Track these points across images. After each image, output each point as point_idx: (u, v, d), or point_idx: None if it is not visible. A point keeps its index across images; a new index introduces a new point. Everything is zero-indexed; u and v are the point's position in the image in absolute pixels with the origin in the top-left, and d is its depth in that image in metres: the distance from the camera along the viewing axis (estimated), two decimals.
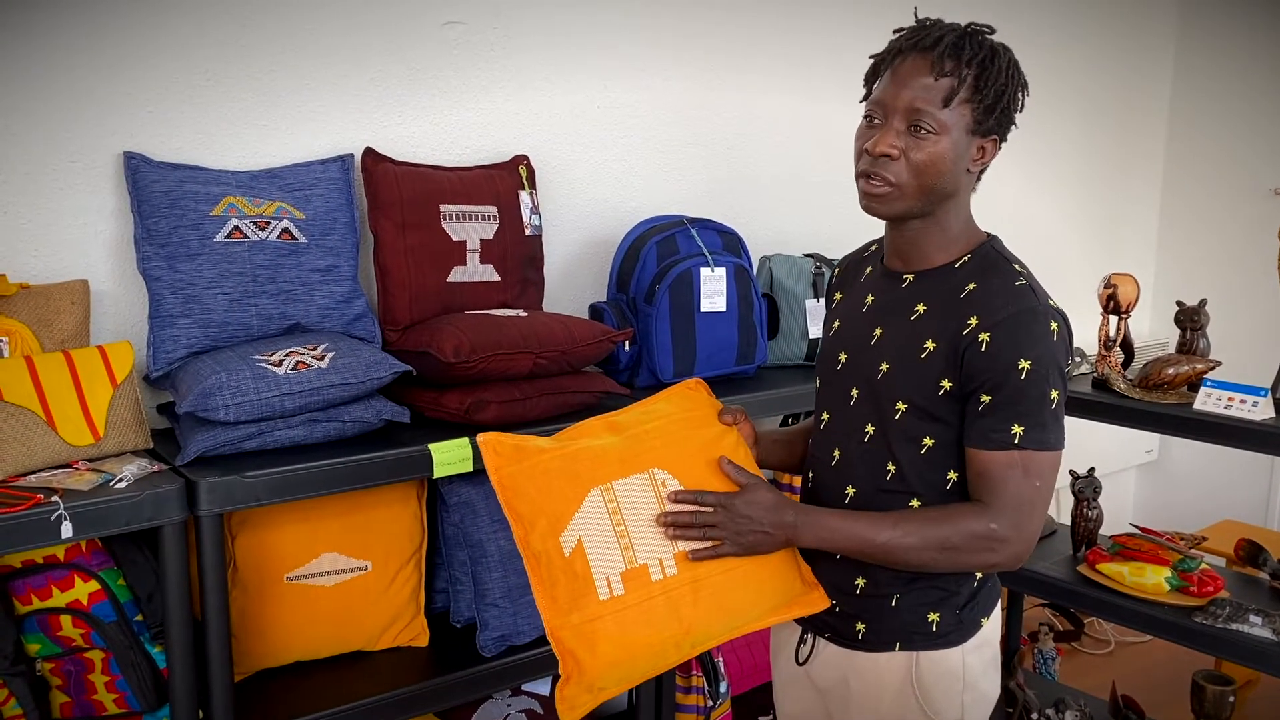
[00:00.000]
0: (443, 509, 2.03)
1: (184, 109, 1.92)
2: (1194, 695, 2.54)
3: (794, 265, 2.58)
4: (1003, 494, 1.33)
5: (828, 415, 1.52)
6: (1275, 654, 2.09)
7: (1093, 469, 2.55)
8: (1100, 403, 2.36)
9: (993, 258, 1.41)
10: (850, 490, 1.46)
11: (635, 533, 1.38)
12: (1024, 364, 1.31)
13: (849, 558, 1.46)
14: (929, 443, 1.39)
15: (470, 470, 1.83)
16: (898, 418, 1.40)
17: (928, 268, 1.43)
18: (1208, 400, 2.19)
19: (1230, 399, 2.16)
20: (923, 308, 1.41)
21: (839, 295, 1.61)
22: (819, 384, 1.57)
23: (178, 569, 1.60)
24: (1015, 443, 1.32)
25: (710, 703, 2.31)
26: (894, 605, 1.45)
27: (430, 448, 1.79)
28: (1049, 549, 2.56)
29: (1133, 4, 3.78)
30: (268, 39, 1.99)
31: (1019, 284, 1.36)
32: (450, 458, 1.80)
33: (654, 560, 1.37)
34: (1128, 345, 2.43)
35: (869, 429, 1.44)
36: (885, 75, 1.39)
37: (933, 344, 1.37)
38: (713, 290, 2.29)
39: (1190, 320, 2.34)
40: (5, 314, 1.68)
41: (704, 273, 2.28)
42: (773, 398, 2.32)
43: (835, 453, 1.49)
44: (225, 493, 1.60)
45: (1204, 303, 2.36)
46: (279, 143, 2.02)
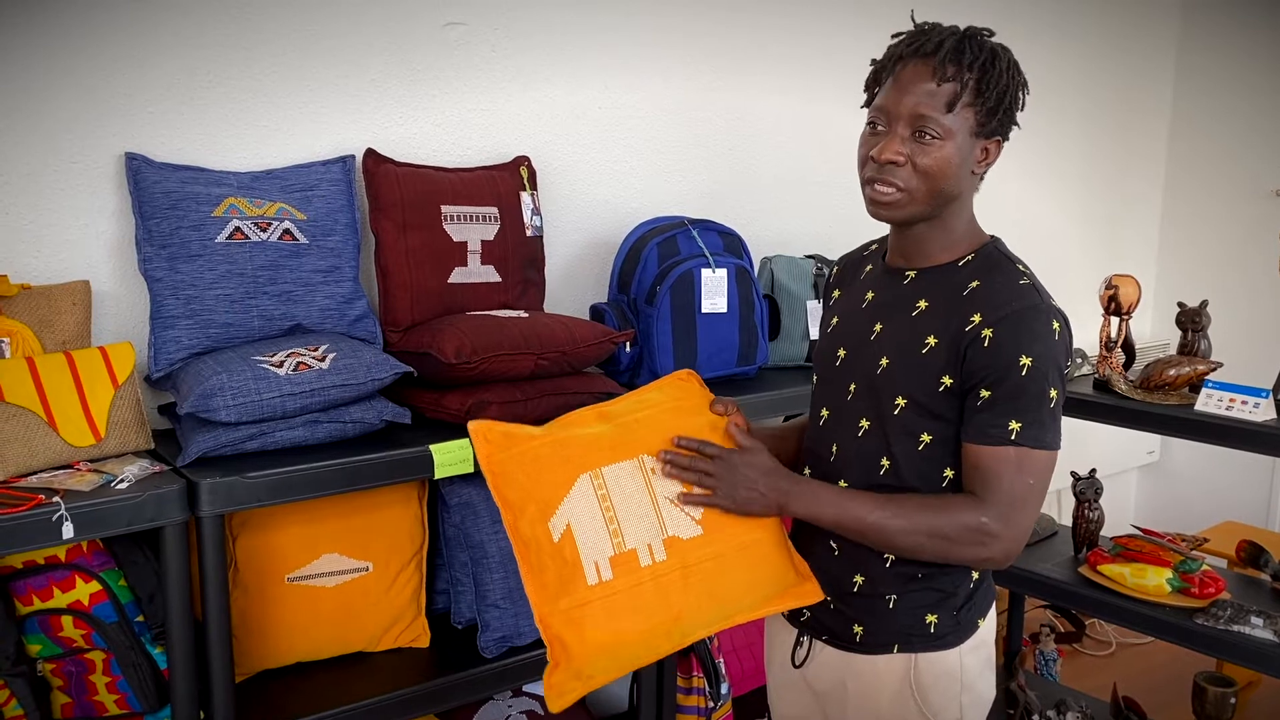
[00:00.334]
0: (443, 510, 2.03)
1: (185, 110, 1.92)
2: (1195, 697, 2.54)
3: (795, 266, 2.58)
4: (996, 489, 1.33)
5: (825, 411, 1.53)
6: (1276, 655, 2.09)
7: (1094, 470, 2.55)
8: (1101, 404, 2.36)
9: (996, 257, 1.42)
10: (843, 484, 1.46)
11: (624, 518, 1.38)
12: (1025, 361, 1.31)
13: (846, 555, 1.46)
14: (926, 439, 1.39)
15: (471, 471, 1.83)
16: (896, 413, 1.40)
17: (931, 265, 1.44)
18: (1209, 401, 2.19)
19: (1231, 400, 2.16)
20: (925, 304, 1.41)
21: (837, 293, 1.62)
22: (816, 380, 1.57)
23: (179, 570, 1.60)
24: (1012, 439, 1.32)
25: (711, 704, 2.31)
26: (891, 607, 1.45)
27: (431, 449, 1.79)
28: (1050, 550, 2.56)
29: (1134, 4, 3.78)
30: (269, 40, 1.99)
31: (1023, 283, 1.37)
32: (451, 459, 1.80)
33: (643, 545, 1.37)
34: (1129, 346, 2.43)
35: (865, 423, 1.44)
36: (887, 82, 1.39)
37: (934, 340, 1.37)
38: (714, 291, 2.29)
39: (1191, 321, 2.34)
40: (6, 315, 1.68)
41: (705, 274, 2.28)
42: (774, 398, 2.32)
43: (833, 448, 1.49)
44: (226, 493, 1.60)
45: (1205, 304, 2.35)
46: (280, 144, 2.03)
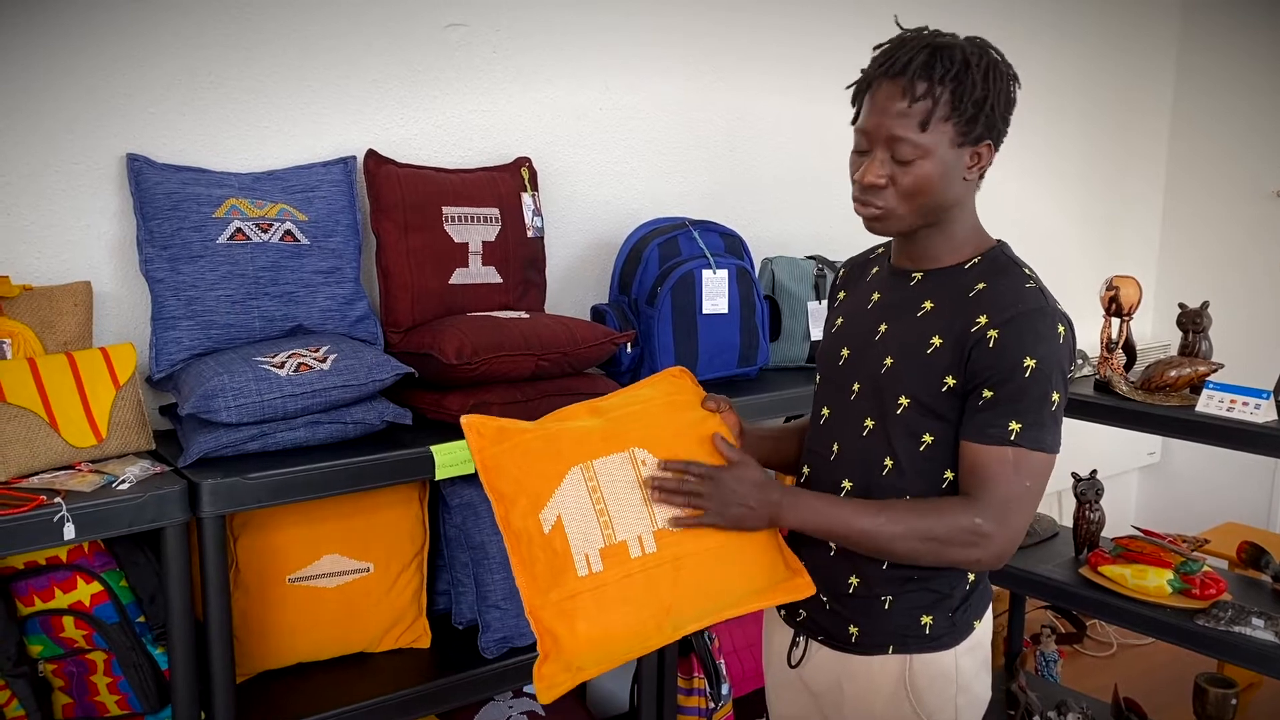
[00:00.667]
0: (444, 511, 2.03)
1: (186, 111, 1.92)
2: (1196, 698, 2.54)
3: (796, 267, 2.58)
4: (992, 489, 1.33)
5: (827, 411, 1.53)
6: (1278, 657, 2.08)
7: (1095, 471, 2.55)
8: (1102, 405, 2.36)
9: (1002, 261, 1.42)
10: (846, 484, 1.47)
11: (615, 510, 1.38)
12: (1029, 363, 1.31)
13: (841, 556, 1.46)
14: (928, 439, 1.39)
15: (472, 472, 1.82)
16: (899, 412, 1.40)
17: (936, 267, 1.44)
18: (1210, 402, 2.19)
19: (1232, 401, 2.16)
20: (930, 305, 1.41)
21: (843, 294, 1.62)
22: (819, 380, 1.57)
23: (180, 570, 1.60)
24: (1011, 439, 1.32)
25: (712, 705, 2.31)
26: (887, 608, 1.45)
27: (432, 449, 1.79)
28: (1051, 551, 2.55)
29: (1135, 5, 3.78)
30: (270, 41, 1.99)
31: (1029, 286, 1.37)
32: (452, 459, 1.80)
33: (633, 537, 1.37)
34: (1130, 347, 2.43)
35: (868, 423, 1.44)
36: (864, 102, 1.39)
37: (939, 340, 1.37)
38: (714, 292, 2.29)
39: (1192, 322, 2.34)
40: (8, 316, 1.68)
41: (706, 275, 2.28)
42: (774, 399, 2.32)
43: (834, 447, 1.49)
44: (227, 494, 1.60)
45: (1206, 305, 2.35)
46: (281, 145, 2.03)
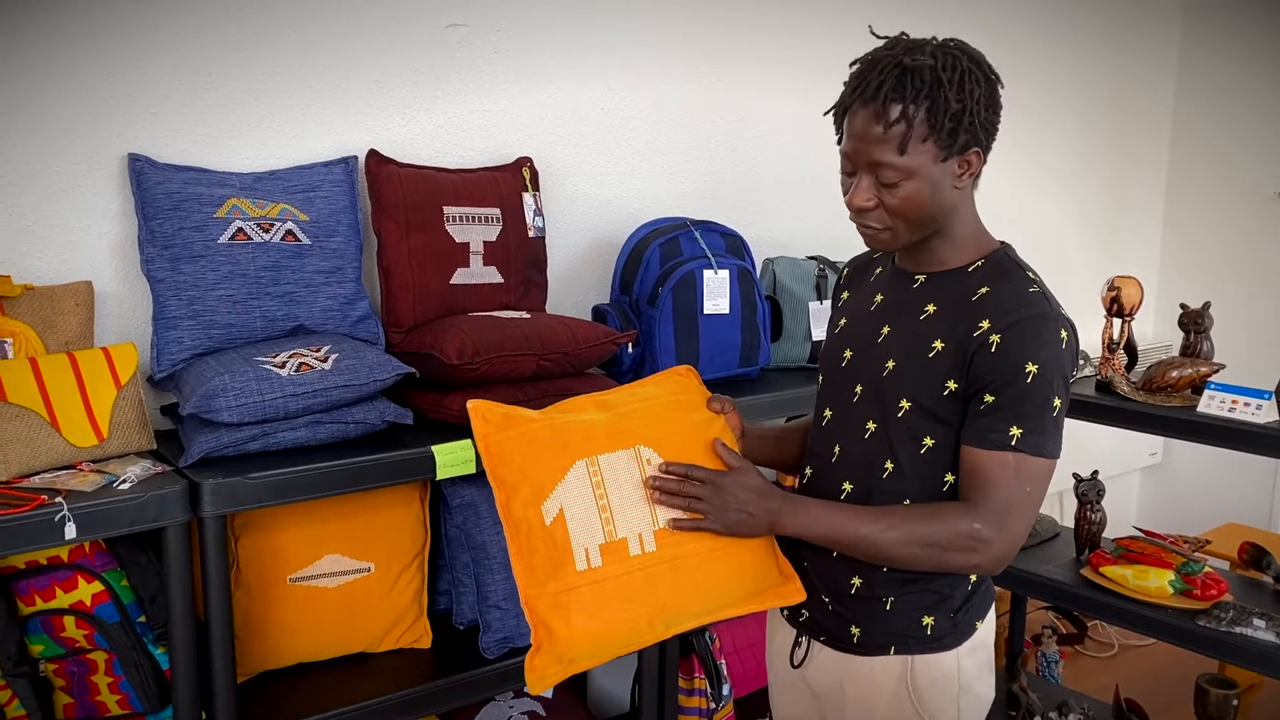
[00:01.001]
0: (445, 511, 2.03)
1: (188, 111, 1.92)
2: (1197, 699, 2.54)
3: (797, 267, 2.58)
4: (992, 494, 1.32)
5: (829, 412, 1.52)
6: (1279, 657, 2.08)
7: (1096, 472, 2.55)
8: (1104, 405, 2.36)
9: (1006, 264, 1.41)
10: (847, 486, 1.46)
11: (617, 506, 1.38)
12: (1031, 368, 1.31)
13: (843, 557, 1.46)
14: (929, 443, 1.39)
15: (473, 472, 1.83)
16: (901, 415, 1.40)
17: (940, 270, 1.44)
18: (1211, 403, 2.19)
19: (1234, 402, 2.15)
20: (933, 308, 1.41)
21: (846, 294, 1.62)
22: (821, 381, 1.57)
23: (181, 570, 1.60)
24: (1012, 444, 1.31)
25: (713, 705, 2.31)
26: (888, 608, 1.45)
27: (433, 449, 1.79)
28: (1052, 552, 2.55)
29: (1136, 7, 3.78)
30: (271, 41, 1.99)
31: (1032, 290, 1.36)
32: (453, 459, 1.80)
33: (633, 535, 1.38)
34: (1131, 348, 2.43)
35: (870, 425, 1.44)
36: (844, 127, 1.38)
37: (941, 344, 1.37)
38: (716, 292, 2.29)
39: (1194, 323, 2.34)
40: (10, 315, 1.68)
41: (707, 275, 2.28)
42: (775, 399, 2.32)
43: (835, 449, 1.49)
44: (228, 494, 1.60)
45: (1208, 305, 2.35)
46: (282, 144, 2.03)
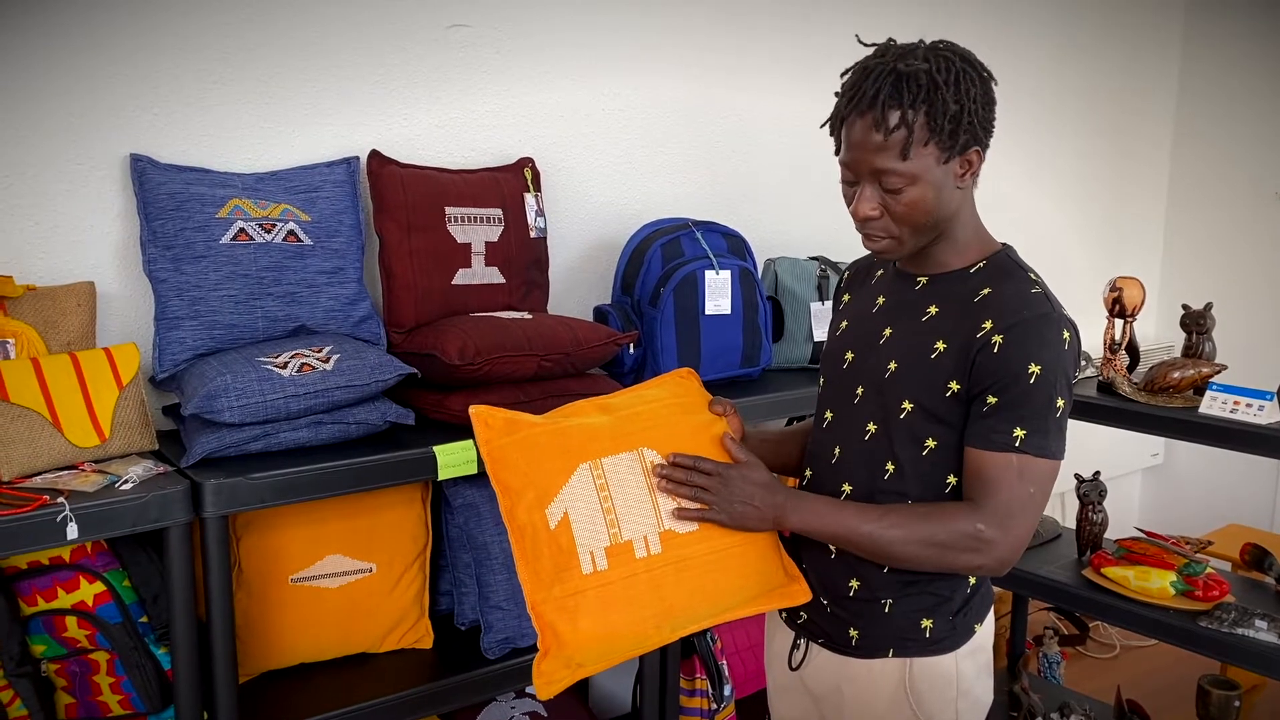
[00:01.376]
0: (447, 511, 2.03)
1: (190, 111, 1.92)
2: (1199, 700, 2.53)
3: (799, 268, 2.58)
4: (995, 495, 1.32)
5: (830, 414, 1.52)
6: None
7: (1098, 473, 2.55)
8: (1105, 406, 2.36)
9: (1008, 265, 1.41)
10: (846, 487, 1.46)
11: (622, 509, 1.38)
12: (1034, 369, 1.31)
13: (842, 559, 1.46)
14: (931, 444, 1.39)
15: (475, 472, 1.83)
16: (903, 417, 1.40)
17: (942, 271, 1.44)
18: (1213, 404, 2.18)
19: (1236, 403, 2.15)
20: (935, 309, 1.41)
21: (847, 297, 1.62)
22: (822, 383, 1.57)
23: (183, 571, 1.60)
24: (1016, 445, 1.31)
25: (714, 706, 2.31)
26: (887, 611, 1.44)
27: (435, 450, 1.79)
28: (1054, 553, 2.55)
29: (1138, 9, 3.78)
30: (273, 41, 1.99)
31: (1034, 291, 1.36)
32: (455, 460, 1.80)
33: (639, 537, 1.38)
34: (1133, 349, 2.43)
35: (871, 427, 1.44)
36: (841, 136, 1.37)
37: (943, 345, 1.37)
38: (717, 293, 2.29)
39: (1196, 323, 2.34)
40: (12, 316, 1.68)
41: (709, 275, 2.28)
42: (777, 400, 2.32)
43: (836, 451, 1.49)
44: (230, 494, 1.60)
45: (1210, 306, 2.35)
46: (284, 145, 2.03)
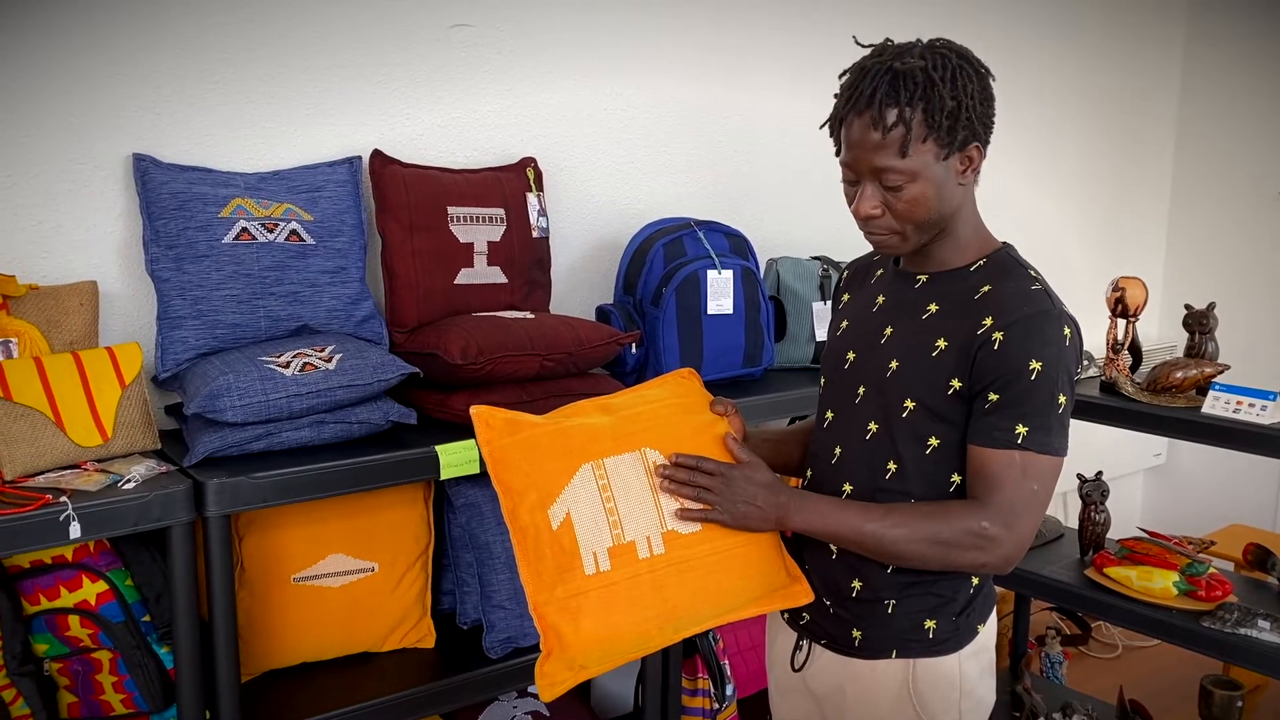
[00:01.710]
0: (449, 511, 2.03)
1: (192, 111, 1.92)
2: (1202, 700, 2.53)
3: (801, 268, 2.58)
4: (998, 493, 1.32)
5: (831, 414, 1.52)
6: None
7: (1100, 473, 2.55)
8: (1108, 406, 2.35)
9: (1008, 263, 1.41)
10: (847, 487, 1.46)
11: (624, 510, 1.38)
12: (1035, 365, 1.31)
13: (844, 560, 1.46)
14: (934, 443, 1.39)
15: (477, 472, 1.83)
16: (905, 416, 1.39)
17: (941, 270, 1.44)
18: (1216, 404, 2.18)
19: (1239, 403, 2.15)
20: (935, 307, 1.41)
21: (846, 296, 1.62)
22: (823, 383, 1.57)
23: (185, 570, 1.60)
24: (1018, 443, 1.31)
25: (716, 705, 2.31)
26: (890, 612, 1.44)
27: (437, 449, 1.79)
28: (1056, 553, 2.55)
29: (1141, 9, 3.78)
30: (275, 41, 1.99)
31: (1034, 288, 1.36)
32: (457, 459, 1.80)
33: (642, 538, 1.37)
34: (1136, 348, 2.43)
35: (872, 427, 1.43)
36: (841, 136, 1.38)
37: (944, 343, 1.37)
38: (719, 293, 2.29)
39: (1199, 323, 2.33)
40: (14, 315, 1.69)
41: (711, 275, 2.28)
42: (779, 400, 2.32)
43: (836, 450, 1.49)
44: (233, 494, 1.61)
45: (1212, 306, 2.35)
46: (287, 145, 2.03)
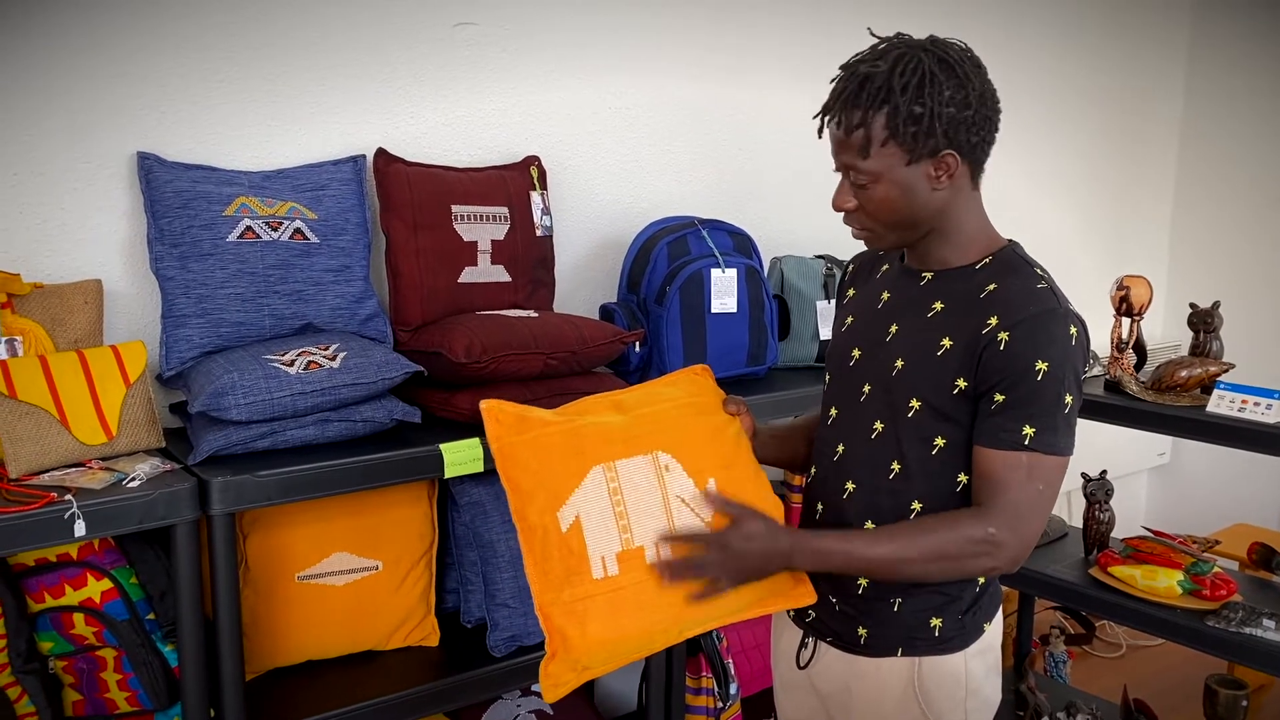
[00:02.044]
0: (453, 509, 2.04)
1: (196, 110, 1.92)
2: (1206, 699, 2.53)
3: (805, 266, 2.57)
4: (1004, 495, 1.32)
5: (835, 410, 1.51)
6: None
7: (1104, 472, 2.54)
8: (1112, 405, 2.35)
9: (1014, 261, 1.41)
10: (850, 486, 1.45)
11: (634, 514, 1.37)
12: (1041, 365, 1.30)
13: None
14: (940, 443, 1.38)
15: (481, 470, 1.83)
16: (911, 415, 1.39)
17: (947, 268, 1.43)
18: (1221, 403, 2.18)
19: (1243, 401, 2.15)
20: (940, 305, 1.40)
21: (851, 291, 1.61)
22: (828, 379, 1.56)
23: (190, 568, 1.60)
24: (1025, 444, 1.31)
25: (720, 704, 2.31)
26: (896, 610, 1.44)
27: (441, 448, 1.79)
28: (1060, 552, 2.55)
29: (1145, 11, 3.77)
30: (279, 40, 1.99)
31: (1040, 287, 1.36)
32: (461, 458, 1.80)
33: (650, 543, 1.37)
34: (1140, 347, 2.42)
35: (877, 425, 1.43)
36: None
37: (949, 342, 1.36)
38: (723, 291, 2.29)
39: (1203, 322, 2.33)
40: (19, 313, 1.69)
41: (715, 274, 2.28)
42: (783, 399, 2.31)
43: (839, 448, 1.48)
44: (237, 492, 1.61)
45: (1217, 305, 2.34)
46: (291, 143, 2.03)
